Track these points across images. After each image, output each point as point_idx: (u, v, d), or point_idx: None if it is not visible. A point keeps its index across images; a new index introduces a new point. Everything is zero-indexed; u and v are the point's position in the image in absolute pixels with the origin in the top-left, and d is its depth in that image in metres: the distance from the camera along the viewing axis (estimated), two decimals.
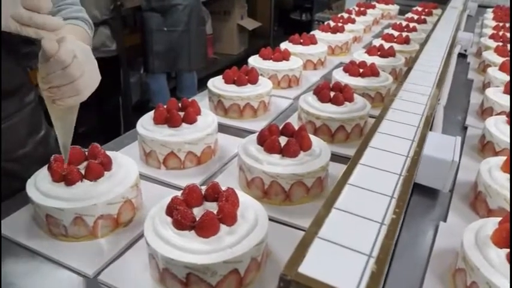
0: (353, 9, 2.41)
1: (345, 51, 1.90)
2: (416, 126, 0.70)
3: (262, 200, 0.83)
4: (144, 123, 1.00)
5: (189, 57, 3.09)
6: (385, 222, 0.46)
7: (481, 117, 1.28)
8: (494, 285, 0.58)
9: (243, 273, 0.63)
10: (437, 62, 1.03)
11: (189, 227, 0.64)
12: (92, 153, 0.81)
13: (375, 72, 1.35)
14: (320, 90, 1.15)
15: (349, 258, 0.41)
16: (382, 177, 0.55)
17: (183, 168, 0.98)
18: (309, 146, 0.89)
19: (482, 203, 0.84)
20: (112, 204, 0.75)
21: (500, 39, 1.88)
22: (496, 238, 0.64)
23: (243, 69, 1.30)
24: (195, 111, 1.00)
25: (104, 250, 0.73)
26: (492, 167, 0.86)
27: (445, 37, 1.29)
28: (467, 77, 1.68)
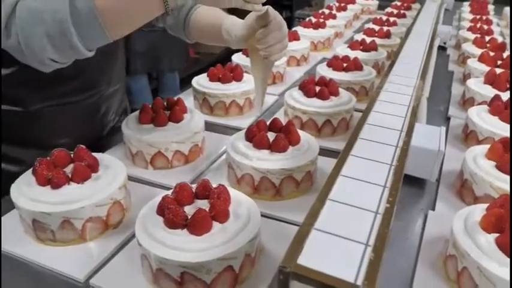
0: (333, 5, 2.43)
1: (327, 46, 1.91)
2: (404, 116, 0.70)
3: (253, 196, 0.82)
4: (129, 123, 0.98)
5: (171, 57, 3.06)
6: (380, 212, 0.46)
7: (463, 107, 1.30)
8: (484, 269, 0.59)
9: (237, 270, 0.63)
10: (419, 55, 1.05)
11: (182, 226, 0.63)
12: (77, 155, 0.79)
13: (359, 66, 1.36)
14: (305, 85, 1.15)
15: (347, 248, 0.41)
16: (374, 168, 0.55)
17: (171, 168, 0.97)
18: (298, 140, 0.89)
19: (468, 190, 0.85)
20: (100, 206, 0.74)
21: (478, 31, 1.92)
22: (485, 224, 0.65)
23: (227, 66, 1.30)
24: (181, 109, 1.00)
25: (94, 253, 0.72)
26: (477, 155, 0.87)
27: (425, 30, 1.30)
28: (447, 69, 1.71)
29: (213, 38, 1.01)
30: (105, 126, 1.13)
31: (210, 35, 1.02)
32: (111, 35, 0.72)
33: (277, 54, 0.87)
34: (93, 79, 1.03)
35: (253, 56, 0.91)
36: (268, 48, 0.85)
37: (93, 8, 0.68)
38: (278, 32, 0.84)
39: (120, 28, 0.74)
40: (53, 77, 0.80)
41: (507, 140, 0.87)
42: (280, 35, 0.85)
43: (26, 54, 0.71)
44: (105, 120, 1.12)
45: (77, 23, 0.69)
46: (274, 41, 0.84)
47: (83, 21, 0.69)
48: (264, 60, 0.88)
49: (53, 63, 0.74)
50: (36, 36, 0.69)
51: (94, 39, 0.72)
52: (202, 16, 1.03)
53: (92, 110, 1.07)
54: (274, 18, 0.83)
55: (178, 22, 1.06)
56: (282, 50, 0.87)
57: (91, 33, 0.71)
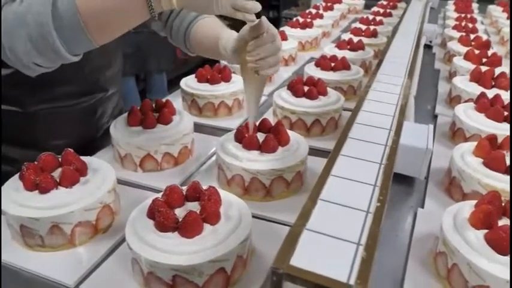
0: (320, 5, 2.44)
1: (314, 46, 1.92)
2: (392, 115, 0.71)
3: (243, 197, 0.82)
4: (117, 126, 0.97)
5: (158, 59, 3.04)
6: (371, 211, 0.47)
7: (450, 105, 1.32)
8: (474, 265, 0.60)
9: (229, 272, 0.63)
10: (406, 54, 1.05)
11: (172, 229, 0.63)
12: (65, 159, 0.78)
13: (346, 65, 1.37)
14: (294, 85, 1.16)
15: (339, 248, 0.41)
16: (364, 167, 0.55)
17: (161, 170, 0.96)
18: (287, 141, 0.89)
19: (456, 187, 0.86)
20: (90, 210, 0.73)
21: (463, 29, 1.94)
22: (474, 220, 0.66)
23: (215, 67, 1.29)
24: (170, 111, 0.99)
25: (83, 258, 0.71)
26: (464, 152, 0.88)
27: (412, 29, 1.32)
28: (433, 67, 1.73)
29: (212, 52, 0.98)
30: (100, 128, 1.12)
31: (208, 48, 0.98)
32: (95, 40, 0.71)
33: (270, 68, 0.81)
34: (91, 83, 1.02)
35: (244, 69, 0.85)
36: (259, 61, 0.80)
37: (76, 11, 0.67)
38: (270, 45, 0.79)
39: (104, 33, 0.72)
40: (52, 79, 0.80)
41: (494, 137, 0.88)
42: (273, 47, 0.80)
43: (11, 58, 0.71)
44: (100, 123, 1.12)
45: (59, 26, 0.67)
46: (266, 53, 0.79)
47: (65, 24, 0.67)
48: (255, 75, 0.82)
49: (38, 67, 0.73)
50: (20, 39, 0.68)
51: (77, 44, 0.71)
52: (202, 29, 1.00)
53: (89, 112, 1.06)
54: (267, 30, 0.79)
55: (179, 34, 1.04)
56: (274, 65, 0.82)
57: (74, 37, 0.69)
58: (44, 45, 0.68)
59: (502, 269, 0.59)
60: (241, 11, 0.71)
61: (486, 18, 2.63)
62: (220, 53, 0.92)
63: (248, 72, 0.83)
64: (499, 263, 0.59)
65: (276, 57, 0.81)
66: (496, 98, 1.10)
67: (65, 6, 0.66)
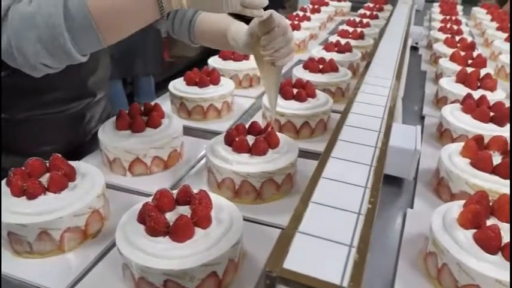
0: (307, 7, 2.45)
1: (302, 48, 1.93)
2: (381, 117, 0.72)
3: (234, 200, 0.82)
4: (105, 130, 0.96)
5: (145, 62, 3.02)
6: (362, 212, 0.47)
7: (437, 106, 1.33)
8: (464, 265, 0.61)
9: (221, 275, 0.62)
10: (394, 56, 1.06)
11: (163, 233, 0.62)
12: (53, 164, 0.77)
13: (334, 68, 1.38)
14: (283, 87, 1.16)
15: (331, 250, 0.41)
16: (354, 169, 0.56)
17: (150, 174, 0.96)
18: (277, 143, 0.89)
19: (445, 188, 0.87)
20: (79, 216, 0.72)
21: (449, 31, 1.97)
22: (463, 220, 0.66)
23: (204, 70, 1.29)
24: (159, 114, 0.99)
25: (73, 264, 0.70)
26: (452, 153, 0.89)
27: (398, 31, 1.33)
28: (420, 68, 1.75)
29: (219, 44, 0.99)
30: (88, 133, 1.11)
31: (216, 40, 1.00)
32: (105, 40, 0.71)
33: (284, 58, 0.84)
34: (79, 88, 1.01)
35: (260, 62, 0.88)
36: (274, 54, 0.82)
37: (88, 12, 0.67)
38: (282, 38, 0.82)
39: (114, 33, 0.72)
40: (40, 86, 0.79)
41: (481, 138, 0.89)
42: (285, 39, 0.82)
43: (18, 58, 0.70)
44: (88, 128, 1.10)
45: (71, 27, 0.67)
46: (279, 46, 0.82)
47: (77, 25, 0.67)
48: (271, 67, 0.86)
49: (45, 68, 0.72)
50: (29, 41, 0.67)
51: (88, 44, 0.71)
52: (208, 21, 1.01)
53: (77, 118, 1.05)
54: (278, 24, 0.81)
55: (182, 26, 1.04)
56: (288, 54, 0.85)
57: (85, 38, 0.69)
58: (55, 47, 0.68)
59: (490, 267, 0.59)
60: (249, 7, 0.72)
61: (470, 20, 2.68)
62: (229, 44, 0.93)
63: (264, 64, 0.87)
64: (487, 262, 0.60)
65: (289, 47, 0.84)
66: (481, 99, 1.11)
67: (76, 7, 0.66)
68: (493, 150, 0.87)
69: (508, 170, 0.80)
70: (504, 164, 0.81)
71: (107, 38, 0.71)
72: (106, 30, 0.69)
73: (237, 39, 0.90)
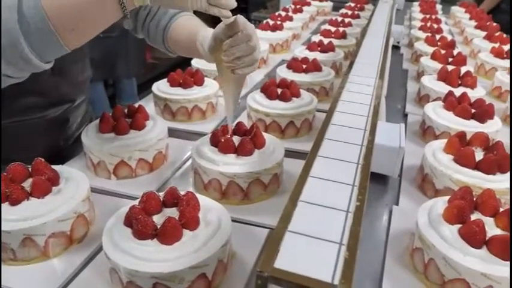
0: (289, 7, 2.46)
1: (285, 48, 1.93)
2: (366, 116, 0.72)
3: (221, 201, 0.82)
4: (89, 133, 0.95)
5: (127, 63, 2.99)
6: (351, 210, 0.47)
7: (419, 104, 1.35)
8: (450, 259, 0.62)
9: (210, 277, 0.62)
10: (377, 54, 1.07)
11: (151, 236, 0.62)
12: (36, 168, 0.76)
13: (318, 67, 1.38)
14: (267, 87, 1.16)
15: (322, 248, 0.41)
16: (341, 167, 0.56)
17: (135, 177, 0.95)
18: (263, 143, 0.89)
19: (429, 184, 0.88)
20: (63, 221, 0.71)
21: (429, 30, 2.00)
22: (448, 215, 0.68)
23: (188, 71, 1.28)
24: (143, 116, 0.98)
25: (58, 270, 0.69)
26: (435, 149, 0.91)
27: (380, 30, 1.34)
28: (402, 67, 1.77)
29: (190, 51, 0.96)
30: (69, 138, 1.09)
31: (186, 47, 0.96)
32: (67, 44, 0.66)
33: (246, 68, 0.80)
34: (58, 92, 0.99)
35: (219, 68, 0.84)
36: (234, 61, 0.78)
37: (44, 15, 0.62)
38: (245, 45, 0.78)
39: (76, 36, 0.68)
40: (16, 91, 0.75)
41: (463, 134, 0.91)
42: (248, 47, 0.78)
43: None
44: (69, 132, 1.08)
45: (27, 32, 0.62)
46: (241, 53, 0.78)
47: (33, 30, 0.62)
48: (231, 74, 0.81)
49: (7, 78, 0.68)
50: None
51: (48, 50, 0.66)
52: (180, 28, 0.97)
53: (57, 123, 1.03)
54: (243, 29, 0.77)
55: (157, 35, 1.01)
56: (251, 64, 0.81)
57: (44, 42, 0.65)
58: (13, 54, 0.63)
59: (476, 261, 0.61)
60: (216, 5, 0.69)
61: (449, 18, 2.72)
62: (198, 52, 0.90)
63: (224, 71, 0.83)
64: (473, 256, 0.61)
65: (251, 56, 0.80)
66: (463, 96, 1.13)
67: (32, 10, 0.62)
68: (475, 147, 0.89)
69: (490, 166, 0.82)
70: (486, 160, 0.83)
71: (69, 42, 0.66)
72: (66, 33, 0.65)
73: (203, 43, 0.87)
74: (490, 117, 1.07)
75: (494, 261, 0.60)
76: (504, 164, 0.83)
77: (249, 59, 0.80)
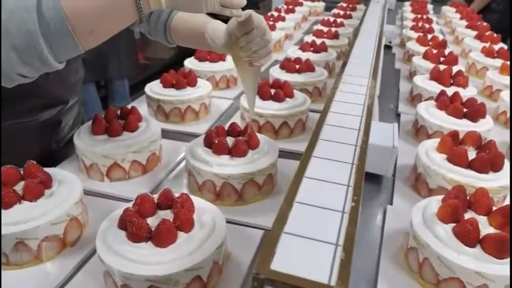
0: (282, 8, 2.46)
1: (278, 49, 1.93)
2: (360, 116, 0.72)
3: (215, 203, 0.81)
4: (81, 135, 0.94)
5: (119, 64, 2.98)
6: (346, 211, 0.47)
7: (412, 103, 1.36)
8: (444, 258, 0.62)
9: (205, 279, 0.62)
10: (369, 54, 1.08)
11: (146, 238, 0.61)
12: (28, 171, 0.75)
13: (311, 67, 1.38)
14: (261, 88, 1.16)
15: (317, 249, 0.41)
16: (336, 168, 0.56)
17: (129, 179, 0.94)
18: (257, 144, 0.89)
19: (423, 183, 0.89)
20: (56, 224, 0.70)
21: (420, 29, 2.02)
22: (442, 215, 0.68)
23: (180, 72, 1.28)
24: (136, 118, 0.97)
25: (52, 274, 0.68)
26: (429, 149, 0.91)
27: (372, 30, 1.35)
28: (394, 67, 1.78)
29: (197, 43, 0.98)
30: (61, 140, 1.08)
31: (193, 40, 0.98)
32: (82, 46, 0.66)
33: (262, 59, 0.85)
34: (51, 95, 0.98)
35: (238, 63, 0.88)
36: (252, 55, 0.83)
37: (63, 16, 0.62)
38: (260, 39, 0.82)
39: (92, 37, 0.68)
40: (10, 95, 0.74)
41: (456, 133, 0.91)
42: (263, 41, 0.82)
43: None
44: (61, 135, 1.07)
45: (46, 33, 0.62)
46: (258, 47, 0.82)
47: (53, 31, 0.62)
48: (250, 67, 0.86)
49: (20, 77, 0.67)
50: (3, 50, 0.62)
51: (65, 51, 0.66)
52: (185, 21, 0.99)
53: (49, 126, 1.02)
54: (257, 25, 0.80)
55: (158, 26, 1.01)
56: (266, 55, 0.85)
57: (61, 43, 0.64)
58: (31, 55, 0.63)
59: (470, 260, 0.61)
60: (228, 7, 0.71)
61: (440, 18, 2.74)
62: (207, 43, 0.92)
63: (243, 65, 0.87)
64: (467, 254, 0.62)
65: (267, 48, 0.84)
66: (455, 95, 1.14)
67: (51, 11, 0.62)
68: (467, 146, 0.89)
69: (483, 165, 0.83)
70: (479, 159, 0.83)
71: (85, 43, 0.67)
72: (83, 35, 0.65)
73: (215, 38, 0.89)
74: (482, 116, 1.08)
75: (488, 260, 0.61)
76: (496, 163, 0.84)
77: (264, 51, 0.84)
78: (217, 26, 0.90)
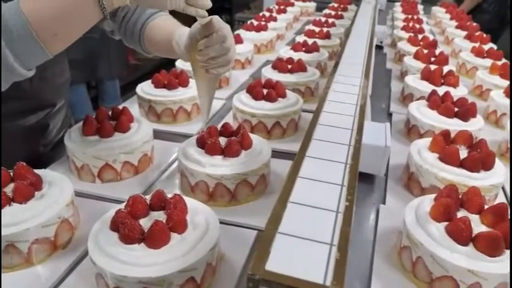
0: (273, 8, 2.46)
1: (270, 49, 1.93)
2: (353, 115, 0.72)
3: (208, 203, 0.81)
4: (72, 136, 0.93)
5: (109, 65, 2.95)
6: (340, 210, 0.47)
7: (403, 103, 1.37)
8: (437, 257, 0.62)
9: (199, 280, 0.61)
10: (361, 54, 1.08)
11: (138, 240, 0.61)
12: (18, 173, 0.74)
13: (303, 67, 1.39)
14: (253, 88, 1.16)
15: (312, 249, 0.41)
16: (330, 167, 0.56)
17: (120, 180, 0.93)
18: (250, 144, 0.89)
19: (415, 182, 0.89)
20: (47, 226, 0.69)
21: (411, 30, 2.03)
22: (434, 214, 0.68)
23: (172, 72, 1.27)
24: (127, 119, 0.96)
25: (42, 277, 0.67)
26: (421, 148, 0.91)
27: (364, 30, 1.35)
28: (385, 67, 1.78)
29: (167, 51, 0.95)
30: (48, 144, 1.06)
31: (163, 48, 0.95)
32: (49, 50, 0.65)
33: (220, 68, 0.82)
34: (37, 98, 0.97)
35: (195, 67, 0.86)
36: (208, 61, 0.80)
37: (25, 21, 0.60)
38: (220, 45, 0.79)
39: (57, 41, 0.66)
40: None
41: (447, 133, 0.92)
42: (222, 48, 0.80)
43: None
44: (49, 138, 1.05)
45: (10, 40, 0.60)
46: (215, 53, 0.79)
47: (16, 37, 0.60)
48: (206, 74, 0.83)
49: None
50: None
51: (31, 57, 0.64)
52: (156, 28, 0.96)
53: (37, 129, 1.00)
54: (218, 30, 0.78)
55: (134, 34, 0.99)
56: (226, 64, 0.82)
57: (26, 50, 0.62)
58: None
59: (463, 258, 0.61)
60: (193, 5, 0.70)
61: (431, 19, 2.76)
62: (174, 51, 0.90)
63: (199, 70, 0.84)
64: (460, 253, 0.62)
65: (226, 57, 0.81)
66: (446, 95, 1.15)
67: (13, 17, 0.60)
68: (459, 145, 0.90)
69: (475, 164, 0.83)
70: (470, 158, 0.84)
71: (51, 47, 0.65)
72: (48, 39, 0.63)
73: (179, 43, 0.87)
74: (472, 116, 1.09)
75: (480, 258, 0.61)
76: (488, 162, 0.85)
77: (223, 59, 0.81)
78: (183, 32, 0.88)
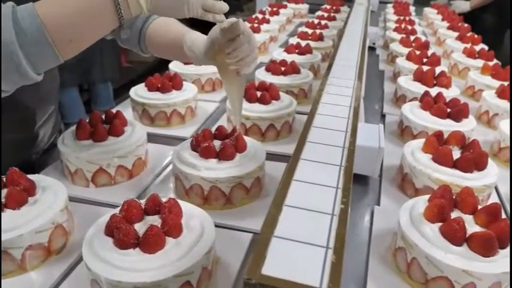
0: (266, 10, 2.47)
1: (263, 51, 1.93)
2: (347, 117, 0.73)
3: (203, 207, 0.81)
4: (65, 140, 0.92)
5: (102, 67, 2.94)
6: (335, 213, 0.47)
7: (396, 104, 1.37)
8: (432, 257, 0.63)
9: (195, 285, 0.61)
10: (354, 56, 1.09)
11: (133, 245, 0.60)
12: (10, 178, 0.73)
13: (296, 69, 1.39)
14: (247, 90, 1.16)
15: (308, 253, 0.41)
16: (325, 170, 0.56)
17: (115, 184, 0.93)
18: (244, 147, 0.89)
19: (409, 183, 0.90)
20: (41, 232, 0.69)
21: (403, 31, 2.04)
22: (428, 215, 0.68)
23: (166, 75, 1.27)
24: (121, 122, 0.96)
25: (36, 284, 0.67)
26: (414, 149, 0.92)
27: (357, 32, 1.36)
28: (378, 68, 1.79)
29: (174, 55, 0.95)
30: (39, 151, 1.04)
31: (170, 51, 0.95)
32: (62, 55, 0.63)
33: (248, 67, 0.83)
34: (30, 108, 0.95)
35: (223, 71, 0.86)
36: (239, 62, 0.81)
37: (41, 25, 0.59)
38: (247, 46, 0.80)
39: (71, 47, 0.64)
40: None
41: (440, 133, 0.92)
42: (250, 47, 0.81)
43: None
44: (40, 146, 1.04)
45: (24, 44, 0.58)
46: (244, 54, 0.80)
47: (30, 41, 0.58)
48: (236, 76, 0.84)
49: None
50: None
51: (44, 61, 0.63)
52: (162, 30, 0.95)
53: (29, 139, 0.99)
54: (243, 31, 0.79)
55: (132, 35, 0.97)
56: (252, 62, 0.84)
57: (39, 54, 0.61)
58: (8, 67, 0.59)
59: (457, 259, 0.62)
60: (211, 11, 0.70)
61: (422, 20, 2.78)
62: (184, 54, 0.89)
63: (228, 73, 0.85)
64: (454, 253, 0.62)
65: (252, 55, 0.83)
66: (438, 95, 1.16)
67: (28, 20, 0.58)
68: (452, 145, 0.90)
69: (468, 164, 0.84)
70: (463, 158, 0.85)
71: (64, 53, 0.63)
72: (62, 44, 0.62)
73: (194, 49, 0.87)
74: (465, 116, 1.10)
75: (475, 258, 0.62)
76: (481, 162, 0.85)
77: (250, 58, 0.83)
78: (196, 37, 0.88)
